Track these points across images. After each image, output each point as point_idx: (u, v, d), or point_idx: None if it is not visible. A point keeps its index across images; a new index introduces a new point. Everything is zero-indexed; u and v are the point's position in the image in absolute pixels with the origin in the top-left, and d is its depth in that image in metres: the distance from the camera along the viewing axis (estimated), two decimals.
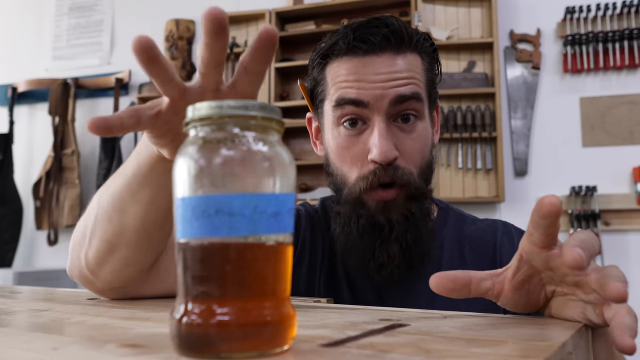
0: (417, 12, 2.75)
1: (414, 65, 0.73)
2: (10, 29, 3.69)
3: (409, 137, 0.72)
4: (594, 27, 2.67)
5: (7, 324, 0.46)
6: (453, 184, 2.73)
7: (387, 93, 0.70)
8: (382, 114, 0.70)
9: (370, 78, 0.70)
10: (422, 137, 0.73)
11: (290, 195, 0.33)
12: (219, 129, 0.33)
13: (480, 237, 0.80)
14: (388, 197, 0.71)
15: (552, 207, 0.39)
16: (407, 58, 0.72)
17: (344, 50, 0.72)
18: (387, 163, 0.69)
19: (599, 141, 2.61)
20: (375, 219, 0.72)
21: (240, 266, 0.31)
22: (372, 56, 0.71)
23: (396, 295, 0.77)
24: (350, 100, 0.70)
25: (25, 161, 3.49)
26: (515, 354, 0.31)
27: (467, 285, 0.45)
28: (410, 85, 0.71)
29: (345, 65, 0.72)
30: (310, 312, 0.50)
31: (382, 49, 0.71)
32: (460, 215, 0.85)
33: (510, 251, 0.78)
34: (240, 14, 3.11)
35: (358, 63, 0.71)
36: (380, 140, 0.68)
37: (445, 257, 0.78)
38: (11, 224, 3.28)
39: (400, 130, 0.71)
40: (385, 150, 0.68)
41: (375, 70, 0.70)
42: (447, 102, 2.77)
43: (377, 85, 0.70)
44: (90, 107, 3.42)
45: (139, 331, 0.40)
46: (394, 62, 0.71)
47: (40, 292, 0.75)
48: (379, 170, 0.70)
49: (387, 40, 0.71)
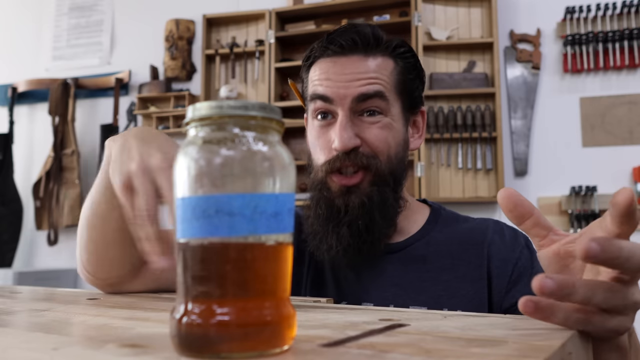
0: (417, 12, 2.75)
1: (383, 68, 0.78)
2: (10, 29, 3.69)
3: (373, 127, 0.76)
4: (594, 27, 2.67)
5: (7, 324, 0.46)
6: (453, 184, 2.73)
7: (350, 92, 0.76)
8: (346, 109, 0.76)
9: (337, 77, 0.77)
10: (388, 129, 0.77)
11: (290, 195, 0.33)
12: (219, 129, 0.33)
13: (471, 235, 0.82)
14: (350, 183, 0.75)
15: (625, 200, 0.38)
16: (377, 60, 0.78)
17: (319, 52, 0.80)
18: (347, 151, 0.74)
19: (599, 141, 2.61)
20: (334, 202, 0.76)
21: (240, 266, 0.31)
22: (340, 57, 0.78)
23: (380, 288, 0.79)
24: (318, 95, 0.77)
25: (25, 161, 3.49)
26: (515, 354, 0.31)
27: (526, 215, 0.46)
28: (373, 84, 0.76)
29: (320, 66, 0.79)
30: (310, 312, 0.50)
31: (350, 50, 0.77)
32: (453, 215, 0.87)
33: (502, 247, 0.79)
34: (240, 14, 3.11)
35: (329, 63, 0.78)
36: (340, 131, 0.74)
37: (431, 253, 0.80)
38: (11, 224, 3.28)
39: (364, 122, 0.77)
40: (345, 139, 0.74)
41: (342, 71, 0.77)
42: (447, 102, 2.77)
43: (340, 84, 0.76)
44: (90, 107, 3.42)
45: (139, 331, 0.40)
46: (361, 64, 0.77)
47: (40, 292, 0.75)
48: (340, 157, 0.75)
49: (354, 43, 0.77)
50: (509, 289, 0.76)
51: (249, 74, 3.12)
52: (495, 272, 0.78)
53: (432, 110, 2.74)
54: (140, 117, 3.27)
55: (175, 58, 3.19)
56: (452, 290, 0.77)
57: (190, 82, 3.23)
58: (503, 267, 0.78)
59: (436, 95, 2.74)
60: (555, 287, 0.37)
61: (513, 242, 0.80)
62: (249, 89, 3.12)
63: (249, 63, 3.12)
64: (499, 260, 0.78)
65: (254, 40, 3.08)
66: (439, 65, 2.82)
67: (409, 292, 0.78)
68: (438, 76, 2.75)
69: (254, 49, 3.03)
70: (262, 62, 3.03)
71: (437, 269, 0.79)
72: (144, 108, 3.20)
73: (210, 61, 3.17)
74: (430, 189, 2.70)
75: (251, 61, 3.12)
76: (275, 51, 2.96)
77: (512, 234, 0.82)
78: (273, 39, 2.96)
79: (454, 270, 0.78)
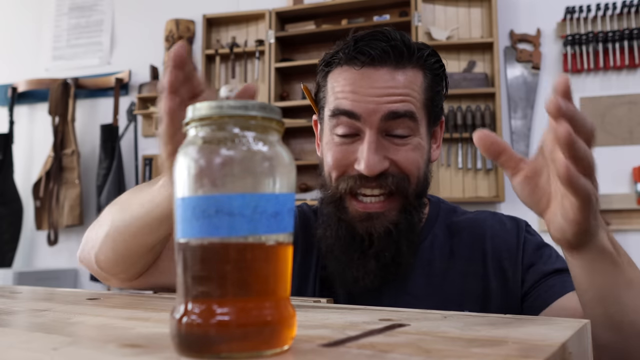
0: (417, 12, 2.75)
1: (413, 82, 0.72)
2: (10, 29, 3.69)
3: (402, 149, 0.72)
4: (594, 27, 2.67)
5: (7, 324, 0.46)
6: (453, 184, 2.73)
7: (380, 108, 0.69)
8: (374, 128, 0.70)
9: (365, 91, 0.70)
10: (418, 150, 0.73)
11: (290, 195, 0.33)
12: (219, 129, 0.33)
13: (470, 228, 0.81)
14: (373, 209, 0.71)
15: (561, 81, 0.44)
16: (407, 74, 0.72)
17: (344, 60, 0.72)
18: (374, 176, 0.70)
19: (599, 141, 2.61)
20: (354, 228, 0.72)
21: (240, 266, 0.31)
22: (370, 69, 0.71)
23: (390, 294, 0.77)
24: (344, 111, 0.71)
25: (25, 161, 3.49)
26: (515, 354, 0.31)
27: (500, 153, 0.51)
28: (404, 102, 0.70)
29: (343, 75, 0.72)
30: (310, 312, 0.49)
31: (381, 62, 0.70)
32: (451, 208, 0.85)
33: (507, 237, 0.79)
34: (240, 14, 3.10)
35: (356, 74, 0.71)
36: (368, 154, 0.69)
37: (436, 256, 0.79)
38: (11, 224, 3.27)
39: (392, 144, 0.72)
40: (373, 164, 0.69)
41: (371, 84, 0.70)
42: (447, 102, 2.76)
43: (370, 100, 0.70)
44: (90, 107, 3.42)
45: (139, 331, 0.40)
46: (391, 77, 0.70)
47: (40, 292, 0.75)
48: (363, 177, 0.70)
49: (386, 54, 0.70)
50: (524, 274, 0.75)
51: (249, 74, 3.12)
52: (507, 263, 0.76)
53: None
54: (140, 117, 3.27)
55: None
56: (459, 289, 0.76)
57: None
58: (513, 255, 0.76)
59: None
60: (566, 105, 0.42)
61: (515, 229, 0.79)
62: None
63: (249, 63, 3.12)
64: (507, 250, 0.77)
65: (254, 40, 3.08)
66: None
67: (418, 298, 0.76)
68: None
69: (254, 49, 3.03)
70: (262, 62, 3.03)
71: (442, 270, 0.78)
72: (144, 108, 3.20)
73: (210, 61, 3.17)
74: (430, 189, 2.70)
75: (251, 61, 3.12)
76: (275, 51, 2.96)
77: (512, 221, 0.81)
78: (273, 39, 2.96)
79: (458, 268, 0.77)
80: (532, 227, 0.82)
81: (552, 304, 0.70)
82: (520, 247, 0.77)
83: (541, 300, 0.72)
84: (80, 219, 3.17)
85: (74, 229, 3.25)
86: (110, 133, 3.20)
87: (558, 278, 0.72)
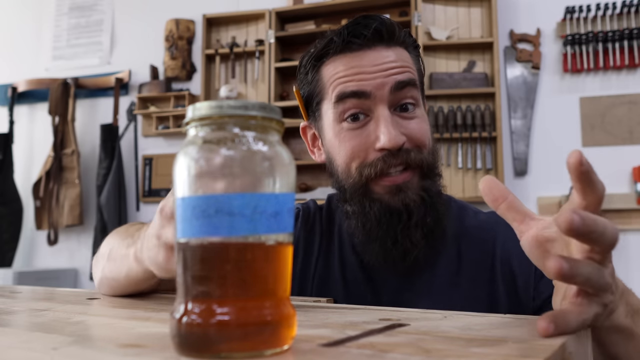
0: (417, 12, 2.75)
1: (405, 57, 0.76)
2: (10, 29, 3.69)
3: (412, 122, 0.73)
4: (594, 27, 2.67)
5: (7, 324, 0.46)
6: (453, 183, 2.73)
7: (387, 81, 0.72)
8: (385, 103, 0.71)
9: (369, 69, 0.72)
10: (423, 121, 0.75)
11: (290, 195, 0.33)
12: (219, 129, 0.33)
13: (479, 230, 0.79)
14: (400, 181, 0.71)
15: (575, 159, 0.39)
16: (397, 51, 0.75)
17: (340, 47, 0.74)
18: (397, 149, 0.70)
19: (599, 141, 2.61)
20: (390, 204, 0.72)
21: (240, 266, 0.31)
22: (365, 50, 0.73)
23: (392, 294, 0.76)
24: (351, 93, 0.72)
25: (25, 161, 3.49)
26: (515, 354, 0.31)
27: (499, 198, 0.47)
28: (406, 72, 0.73)
29: (341, 62, 0.74)
30: (310, 312, 0.49)
31: (374, 42, 0.73)
32: (463, 207, 0.83)
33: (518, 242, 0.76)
34: (240, 14, 3.10)
35: (354, 57, 0.73)
36: (387, 127, 0.70)
37: (442, 256, 0.77)
38: (11, 224, 3.27)
39: (402, 119, 0.73)
40: (395, 136, 0.69)
41: (372, 62, 0.72)
42: (447, 102, 2.77)
43: (377, 75, 0.72)
44: (90, 107, 3.42)
45: (139, 331, 0.40)
46: (387, 54, 0.73)
47: (40, 292, 0.75)
48: (387, 157, 0.70)
49: (378, 33, 0.73)
50: (536, 284, 0.73)
51: (249, 74, 3.12)
52: (517, 269, 0.74)
53: (432, 110, 2.74)
54: (140, 117, 3.27)
55: (175, 58, 3.18)
56: (463, 294, 0.74)
57: (190, 82, 3.23)
58: (525, 263, 0.73)
59: (436, 95, 2.73)
60: (582, 222, 0.37)
61: None
62: (249, 89, 3.12)
63: (249, 63, 3.12)
64: (518, 256, 0.74)
65: (254, 40, 3.08)
66: (439, 65, 2.82)
67: (421, 297, 0.75)
68: (438, 76, 2.75)
69: (254, 48, 3.03)
70: (262, 62, 3.03)
71: (448, 272, 0.76)
72: (144, 108, 3.20)
73: (210, 61, 3.17)
74: None
75: (251, 61, 3.12)
76: (275, 51, 2.96)
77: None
78: (273, 39, 2.96)
79: (463, 272, 0.76)
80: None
81: None
82: None
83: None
84: (80, 219, 3.17)
85: (74, 229, 3.25)
86: (110, 133, 3.20)
87: None
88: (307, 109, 0.81)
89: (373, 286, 0.78)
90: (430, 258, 0.77)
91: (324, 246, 0.83)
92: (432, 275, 0.76)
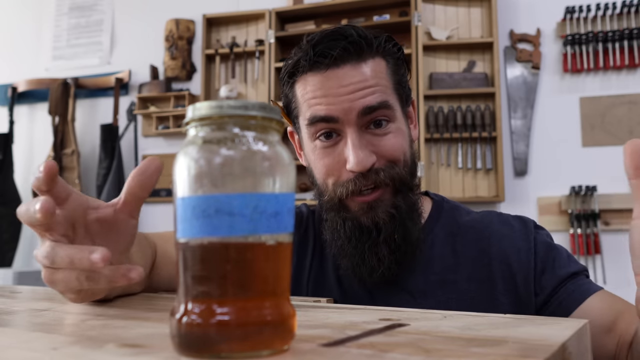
0: (417, 12, 2.75)
1: (379, 71, 0.73)
2: (10, 29, 3.69)
3: (385, 138, 0.72)
4: (594, 27, 2.67)
5: (7, 324, 0.46)
6: (453, 183, 2.73)
7: (355, 105, 0.70)
8: (353, 125, 0.71)
9: (335, 92, 0.70)
10: (398, 134, 0.74)
11: (290, 195, 0.33)
12: (219, 129, 0.33)
13: (473, 228, 0.79)
14: (371, 199, 0.72)
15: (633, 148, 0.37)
16: (370, 65, 0.72)
17: (307, 66, 0.72)
18: (366, 170, 0.70)
19: (598, 141, 2.61)
20: (360, 221, 0.73)
21: (240, 266, 0.31)
22: (334, 69, 0.71)
23: (387, 294, 0.77)
24: (320, 118, 0.71)
25: (25, 161, 3.49)
26: (515, 354, 0.31)
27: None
28: (376, 94, 0.71)
29: (310, 82, 0.73)
30: (310, 312, 0.49)
31: (343, 60, 0.71)
32: (455, 207, 0.84)
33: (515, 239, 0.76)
34: (240, 14, 3.11)
35: (322, 78, 0.72)
36: (355, 150, 0.69)
37: (436, 254, 0.78)
38: (11, 224, 3.27)
39: (375, 135, 0.72)
40: (362, 159, 0.69)
41: (339, 84, 0.70)
42: (447, 102, 2.77)
43: (343, 99, 0.70)
44: (90, 107, 3.42)
45: (139, 331, 0.40)
46: (357, 72, 0.71)
47: (40, 292, 0.75)
48: (358, 178, 0.71)
49: (346, 52, 0.71)
50: (537, 280, 0.73)
51: (249, 74, 3.12)
52: (515, 266, 0.74)
53: (432, 110, 2.74)
54: (140, 117, 3.27)
55: (175, 58, 3.18)
56: (460, 293, 0.75)
57: (190, 82, 3.23)
58: (524, 259, 0.74)
59: (436, 95, 2.74)
60: None
61: (523, 230, 0.77)
62: (249, 88, 3.12)
63: (249, 63, 3.12)
64: (516, 253, 0.75)
65: (253, 40, 3.08)
66: (439, 65, 2.82)
67: (416, 296, 0.75)
68: (438, 76, 2.75)
69: (253, 48, 3.03)
70: (262, 62, 3.03)
71: (442, 270, 0.76)
72: (144, 108, 3.20)
73: (210, 61, 3.17)
74: (430, 189, 2.69)
75: (251, 61, 3.12)
76: (275, 51, 2.96)
77: (520, 222, 0.79)
78: (273, 39, 2.96)
79: (459, 270, 0.76)
80: (540, 226, 0.79)
81: (574, 311, 0.69)
82: (532, 249, 0.75)
83: (563, 307, 0.70)
84: None
85: None
86: (110, 133, 3.20)
87: (575, 283, 0.71)
88: (289, 116, 0.82)
89: (368, 287, 0.78)
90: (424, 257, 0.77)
91: (317, 249, 0.83)
92: (427, 274, 0.77)
